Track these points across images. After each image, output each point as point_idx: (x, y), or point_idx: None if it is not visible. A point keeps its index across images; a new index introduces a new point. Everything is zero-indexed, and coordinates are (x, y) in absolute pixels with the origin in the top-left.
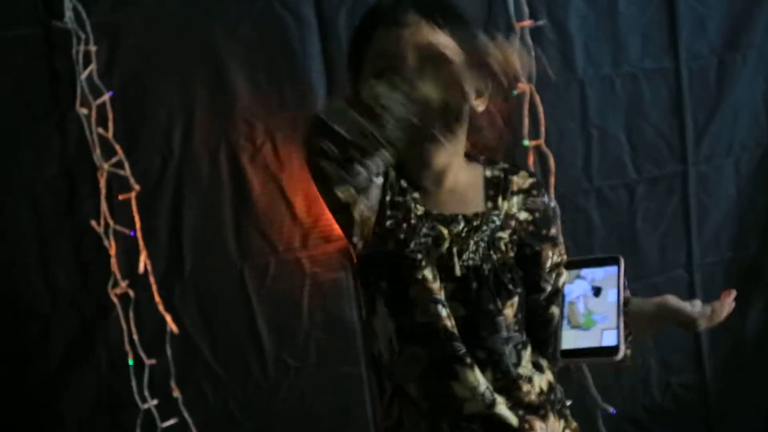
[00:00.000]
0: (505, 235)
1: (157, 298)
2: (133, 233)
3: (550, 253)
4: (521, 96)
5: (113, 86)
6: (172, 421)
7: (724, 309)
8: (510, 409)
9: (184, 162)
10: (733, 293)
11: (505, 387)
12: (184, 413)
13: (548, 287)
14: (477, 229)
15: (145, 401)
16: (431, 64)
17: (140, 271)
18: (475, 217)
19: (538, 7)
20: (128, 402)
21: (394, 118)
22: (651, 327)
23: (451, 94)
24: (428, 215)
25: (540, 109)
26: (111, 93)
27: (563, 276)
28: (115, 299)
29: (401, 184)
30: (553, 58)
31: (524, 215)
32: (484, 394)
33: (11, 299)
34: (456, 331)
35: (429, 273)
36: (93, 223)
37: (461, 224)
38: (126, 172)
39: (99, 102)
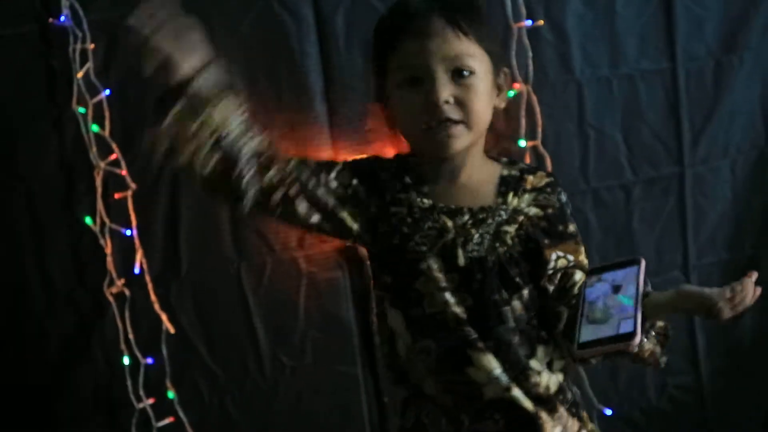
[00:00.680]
0: (511, 229)
1: (153, 298)
2: (129, 232)
3: (554, 255)
4: (518, 96)
5: (110, 84)
6: (167, 421)
7: (748, 291)
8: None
9: None
10: (755, 274)
11: (514, 377)
12: (180, 413)
13: (551, 287)
14: (482, 222)
15: (140, 400)
16: (458, 76)
17: (136, 270)
18: (482, 210)
19: (535, 8)
20: (124, 401)
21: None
22: (670, 314)
23: (477, 105)
24: (434, 208)
25: (537, 109)
26: (108, 91)
27: (575, 277)
28: (110, 298)
29: (404, 180)
30: (550, 59)
31: (534, 211)
32: (500, 377)
33: (6, 298)
34: (466, 317)
35: (434, 263)
36: (89, 221)
37: (466, 216)
38: (122, 171)
39: (96, 100)
